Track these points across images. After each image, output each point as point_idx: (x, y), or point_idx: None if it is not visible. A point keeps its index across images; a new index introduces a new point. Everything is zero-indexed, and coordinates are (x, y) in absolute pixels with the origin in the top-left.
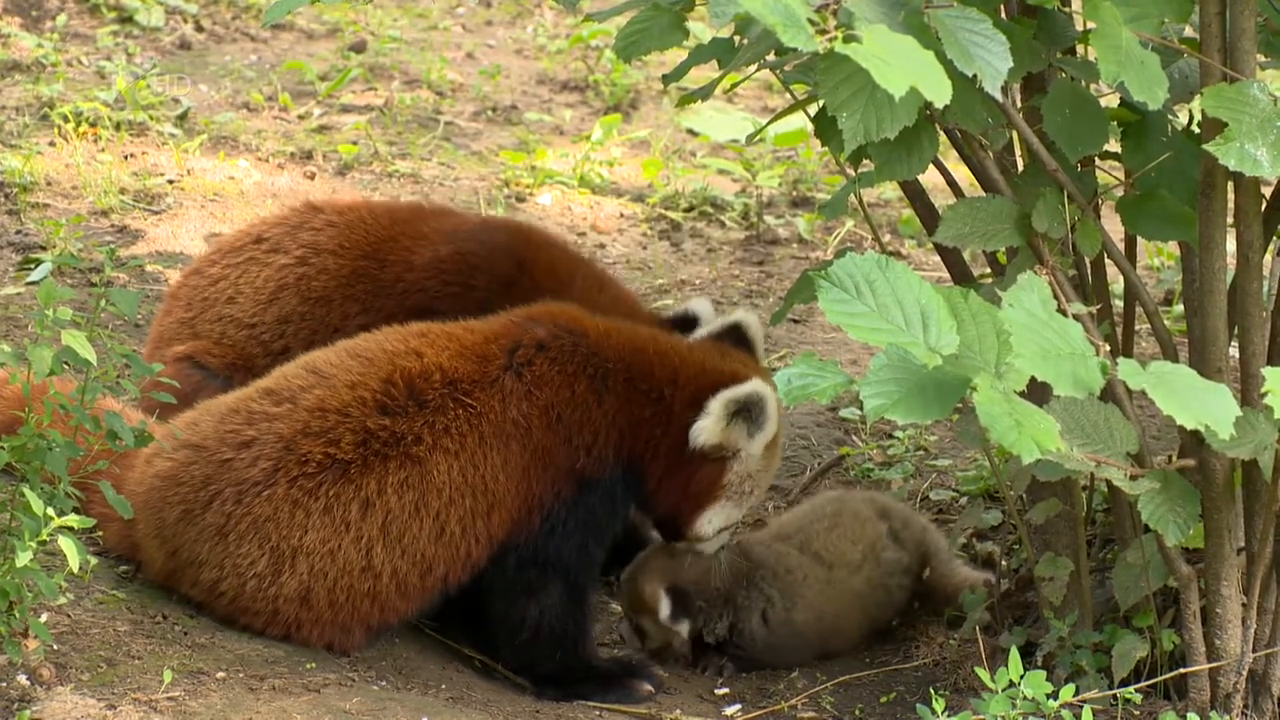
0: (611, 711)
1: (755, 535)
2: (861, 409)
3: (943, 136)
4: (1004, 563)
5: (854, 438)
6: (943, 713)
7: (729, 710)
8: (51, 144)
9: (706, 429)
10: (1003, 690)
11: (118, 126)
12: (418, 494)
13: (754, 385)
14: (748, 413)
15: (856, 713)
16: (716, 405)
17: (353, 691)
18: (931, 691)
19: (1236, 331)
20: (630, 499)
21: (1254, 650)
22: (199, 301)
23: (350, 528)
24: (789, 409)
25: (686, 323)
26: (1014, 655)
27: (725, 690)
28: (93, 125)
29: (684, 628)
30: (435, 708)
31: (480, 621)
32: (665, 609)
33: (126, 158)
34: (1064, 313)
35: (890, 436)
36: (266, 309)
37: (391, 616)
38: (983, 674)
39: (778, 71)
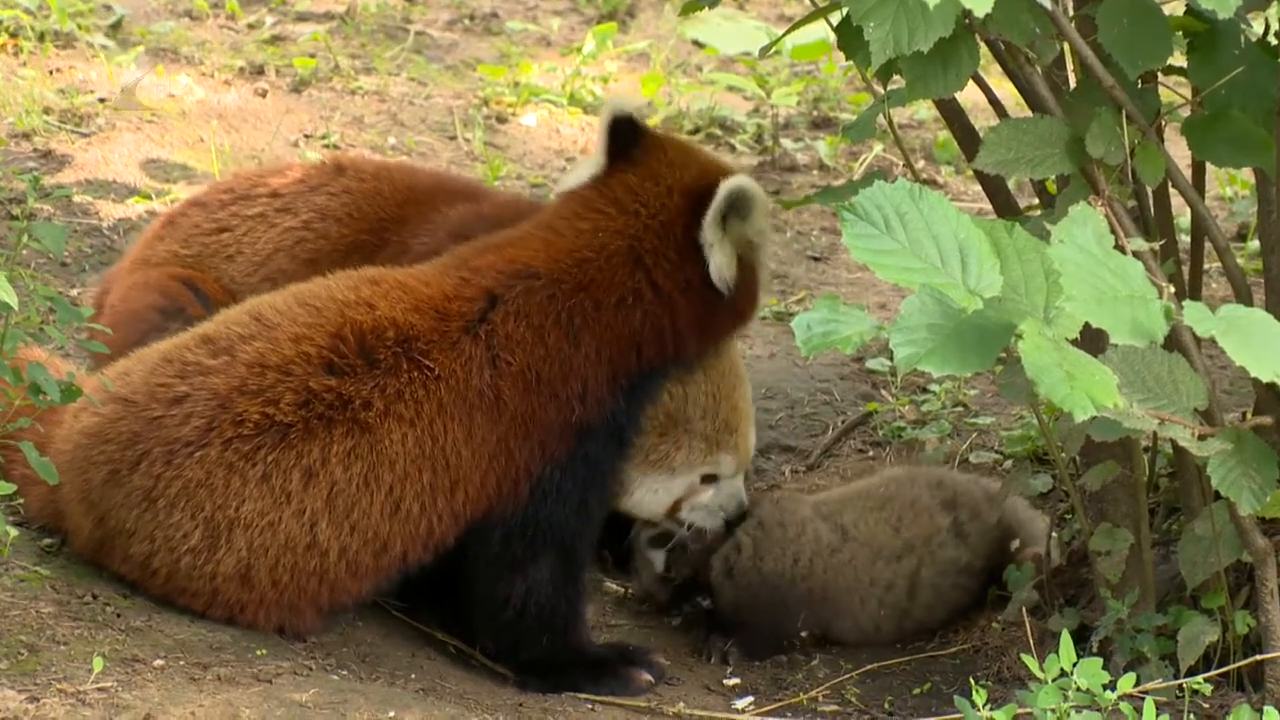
0: (606, 705)
1: (782, 493)
2: (891, 359)
3: (984, 49)
4: (1054, 534)
5: (883, 392)
6: (984, 706)
7: (740, 703)
8: None
9: (720, 260)
10: (1053, 680)
11: (41, 37)
12: (366, 465)
13: (724, 184)
14: (735, 208)
15: (886, 706)
16: (709, 230)
17: (309, 682)
18: (971, 682)
19: None
20: (639, 414)
21: None
22: (198, 243)
23: (291, 499)
24: (809, 360)
25: (622, 135)
26: (1065, 640)
27: (736, 680)
28: (12, 36)
29: (657, 559)
30: (403, 700)
31: (456, 601)
32: (644, 535)
33: (51, 73)
34: (1122, 249)
35: (924, 391)
36: (258, 271)
37: (344, 597)
38: (1030, 662)
39: None
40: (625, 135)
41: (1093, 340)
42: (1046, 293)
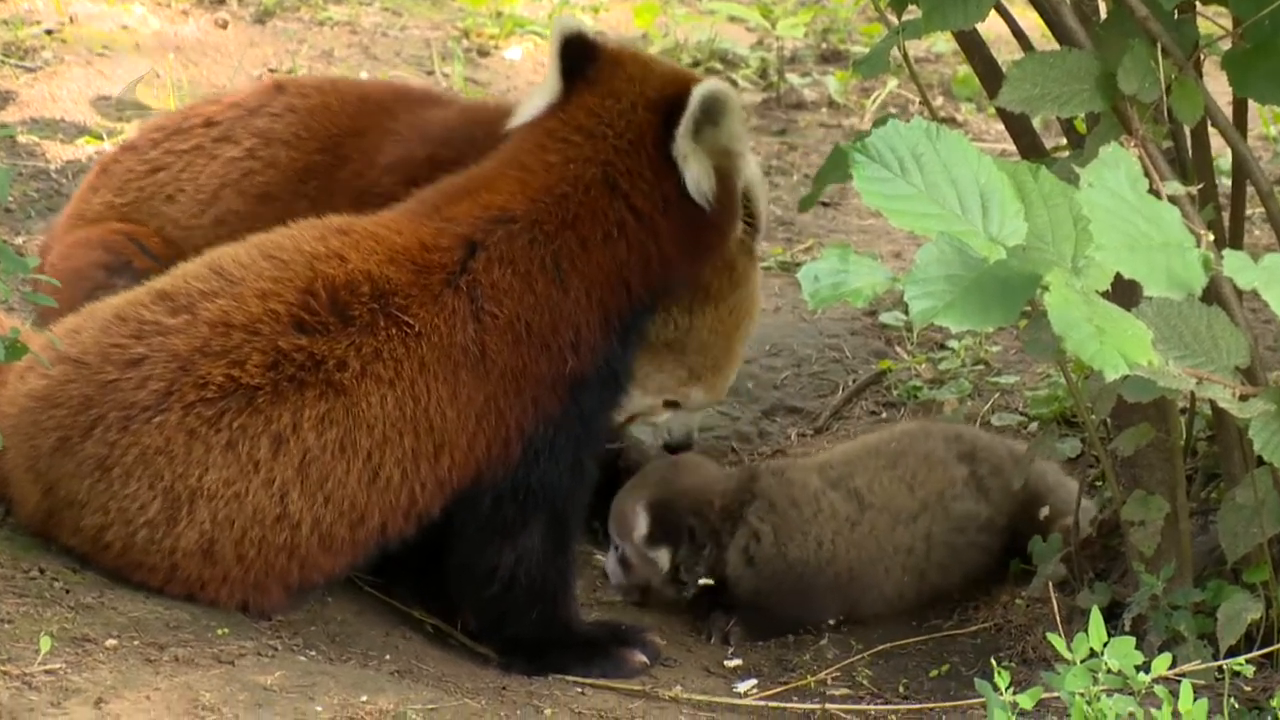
0: (597, 688)
1: (784, 463)
2: (906, 313)
3: None
4: (1083, 503)
5: (897, 349)
6: (1007, 689)
7: (742, 686)
8: None
9: (696, 171)
10: (1081, 661)
11: None
12: (342, 430)
13: (695, 91)
14: (708, 116)
15: (900, 689)
16: (682, 142)
17: (274, 663)
18: (993, 663)
19: None
20: (632, 356)
21: None
22: (133, 189)
23: (259, 468)
24: (816, 314)
25: (575, 55)
26: (1095, 617)
27: (738, 662)
28: None
29: (662, 556)
30: (376, 683)
31: (434, 575)
32: (641, 527)
33: None
34: (1157, 194)
35: (942, 348)
36: (205, 211)
37: (315, 574)
38: (1056, 641)
39: None
40: (579, 55)
41: (1125, 293)
42: (1075, 241)
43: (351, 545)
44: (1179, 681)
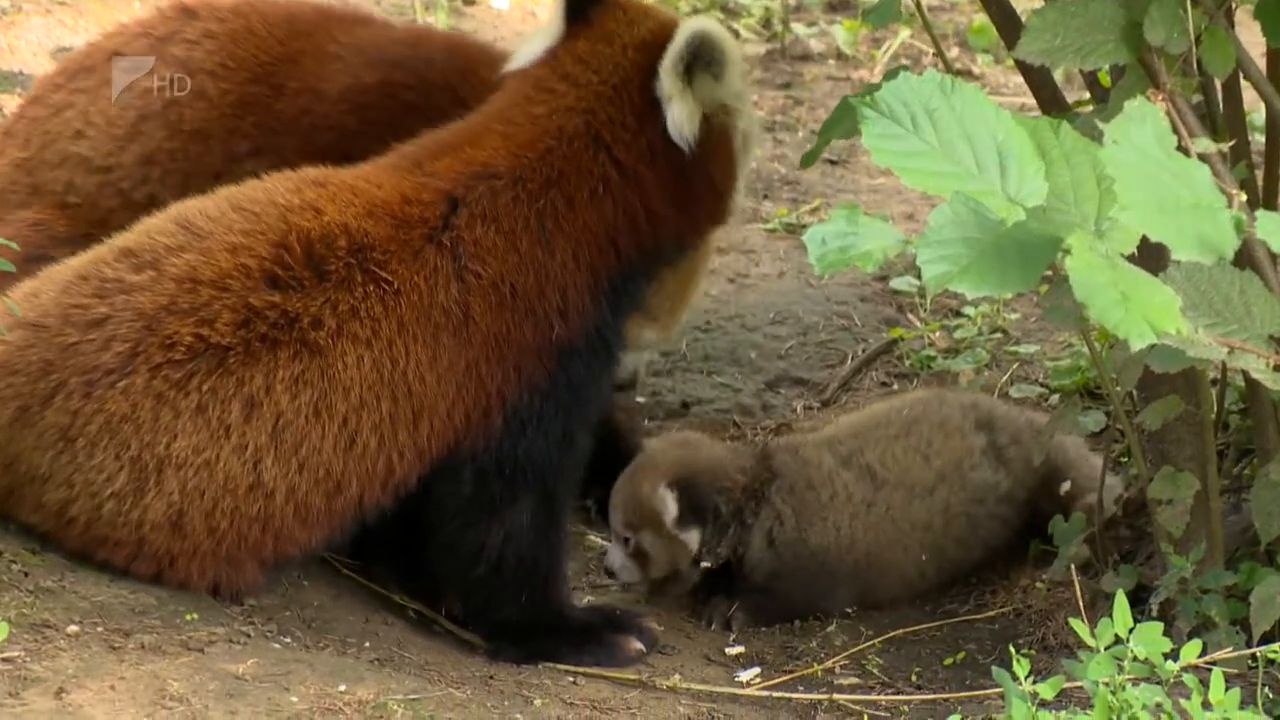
0: (590, 677)
1: (796, 439)
2: (919, 278)
3: None
4: (1108, 480)
5: (909, 316)
6: (1026, 679)
7: (744, 675)
8: None
9: (678, 113)
10: (1106, 648)
11: None
12: (317, 393)
13: (681, 30)
14: (698, 58)
15: (912, 678)
16: (666, 79)
17: (246, 651)
18: (1011, 650)
19: None
20: (623, 323)
21: None
22: (39, 136)
23: (231, 433)
24: (824, 279)
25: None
26: (1120, 602)
27: (740, 649)
28: None
29: (693, 538)
30: (355, 672)
31: (417, 557)
32: (671, 509)
33: None
34: (1186, 151)
35: (957, 315)
36: (125, 147)
37: (291, 548)
38: (1079, 627)
39: None
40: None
41: (1152, 256)
42: (1098, 201)
43: (328, 516)
44: (1209, 670)
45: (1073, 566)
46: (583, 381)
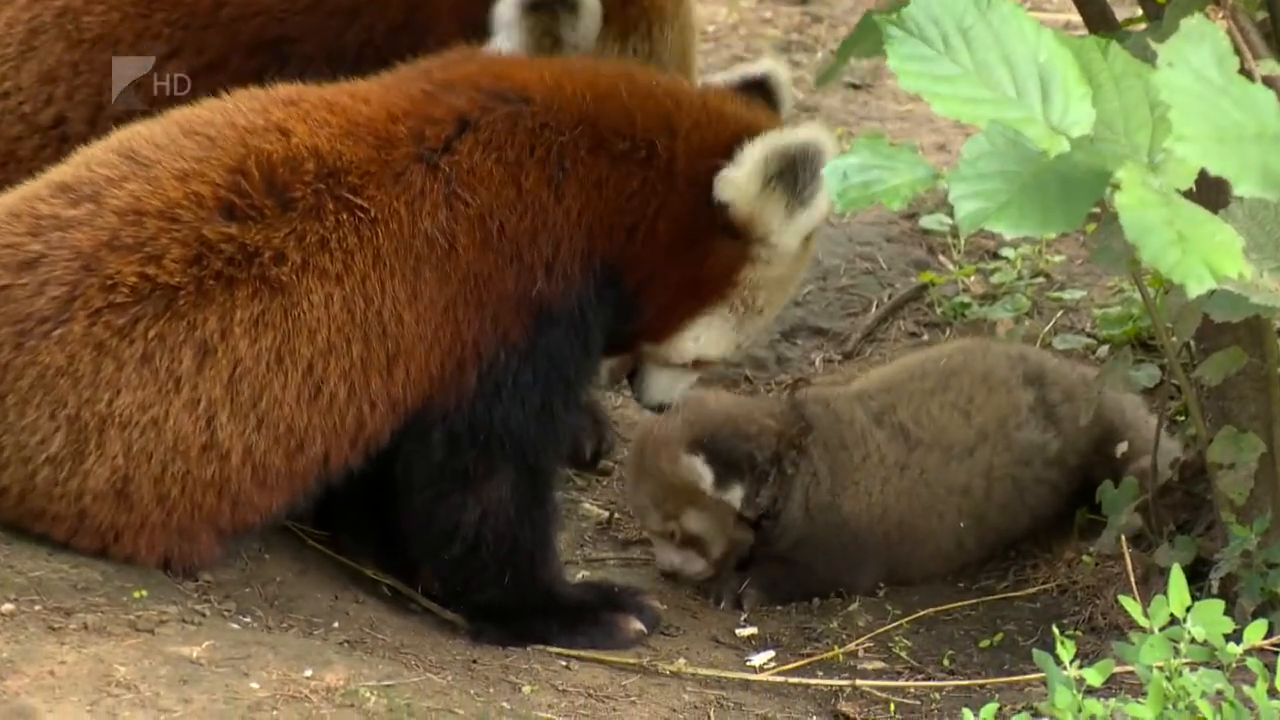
0: (585, 661)
1: (826, 391)
2: (951, 216)
3: None
4: (1163, 442)
5: (941, 259)
6: (1071, 663)
7: (757, 659)
8: None
9: (737, 183)
10: (1160, 629)
11: None
12: (279, 337)
13: (809, 133)
14: (794, 175)
15: (944, 662)
16: (755, 153)
17: (201, 632)
18: (1055, 631)
19: None
20: (610, 320)
21: None
22: None
23: (181, 386)
24: (844, 218)
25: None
26: (1176, 577)
27: (752, 630)
28: None
29: (736, 495)
30: (323, 655)
31: (391, 527)
32: (705, 473)
33: None
34: (1249, 75)
35: (995, 257)
36: (20, 67)
37: (250, 515)
38: (1131, 606)
39: None
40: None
41: (1211, 191)
42: (1152, 130)
43: (290, 478)
44: (1276, 654)
45: (1123, 538)
46: (561, 355)
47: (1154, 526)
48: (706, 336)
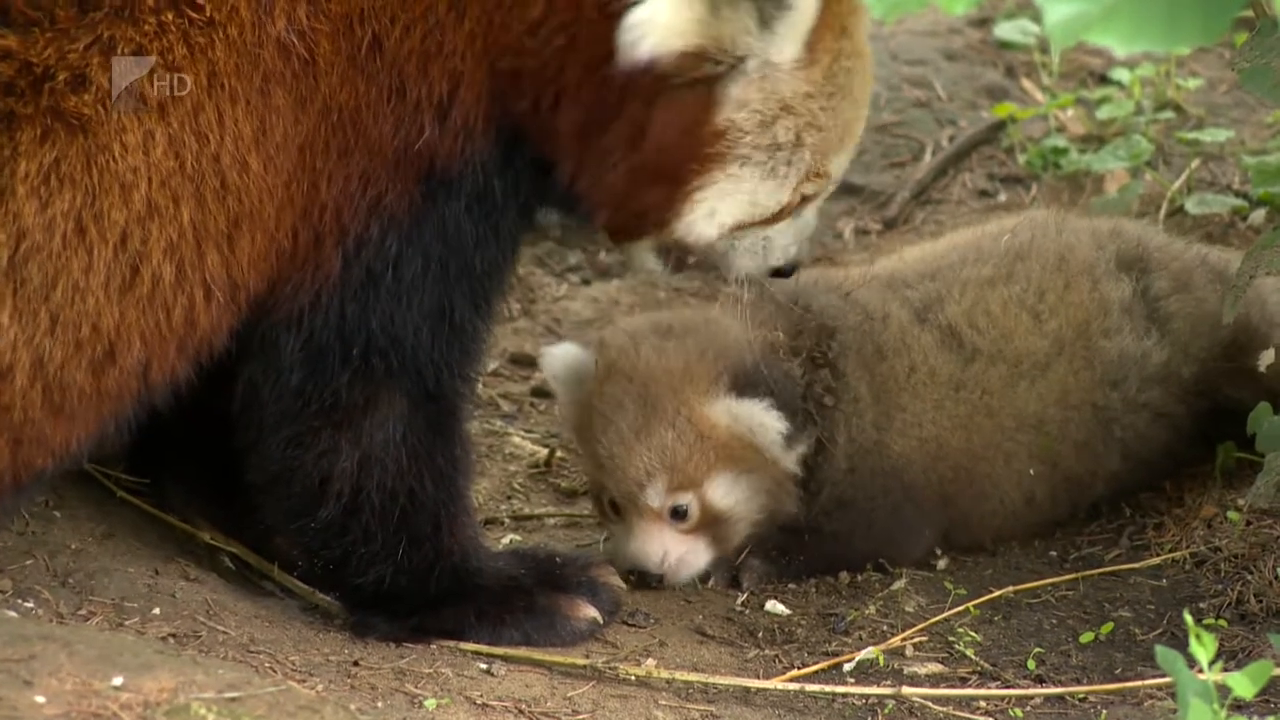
0: (514, 664)
1: (832, 273)
2: (1038, 23)
3: None
4: None
5: (1024, 85)
6: (1211, 664)
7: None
8: None
9: (657, 22)
10: None
11: None
12: (82, 196)
13: None
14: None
15: (1030, 665)
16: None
17: None
18: (1188, 619)
19: None
20: (534, 205)
21: None
22: None
23: None
24: (888, 29)
25: None
26: None
27: (754, 618)
28: None
29: (770, 419)
30: (139, 656)
31: (236, 475)
32: (778, 425)
33: None
34: None
35: (1103, 82)
36: None
37: (38, 456)
38: None
39: None
40: None
41: None
42: None
43: (96, 400)
44: None
45: None
46: (463, 241)
47: None
48: (726, 206)
